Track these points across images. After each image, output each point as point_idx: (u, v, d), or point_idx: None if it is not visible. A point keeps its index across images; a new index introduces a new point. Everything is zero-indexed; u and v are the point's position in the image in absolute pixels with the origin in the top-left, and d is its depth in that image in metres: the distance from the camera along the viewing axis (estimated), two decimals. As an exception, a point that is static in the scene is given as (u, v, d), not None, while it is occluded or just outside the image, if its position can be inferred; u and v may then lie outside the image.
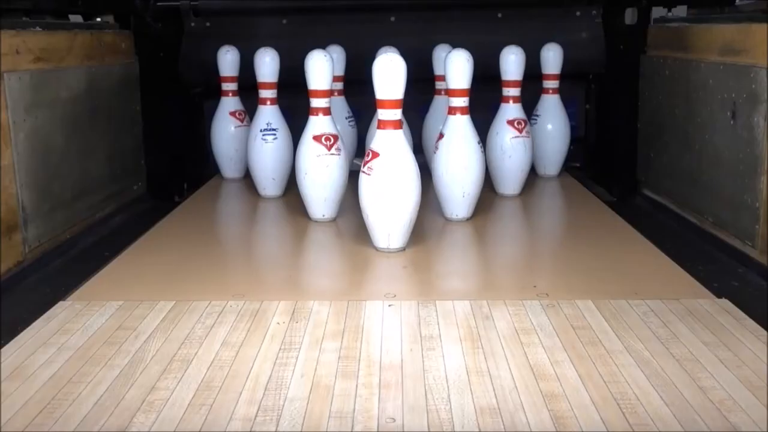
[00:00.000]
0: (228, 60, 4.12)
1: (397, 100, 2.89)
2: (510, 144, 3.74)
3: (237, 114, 4.16)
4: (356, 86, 3.91)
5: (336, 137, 3.31)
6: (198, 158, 4.39)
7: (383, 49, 3.79)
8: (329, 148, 3.28)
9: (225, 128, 4.16)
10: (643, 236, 3.11)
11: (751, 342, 2.12)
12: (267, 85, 3.81)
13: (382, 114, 2.90)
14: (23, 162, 2.87)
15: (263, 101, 3.81)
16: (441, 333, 2.19)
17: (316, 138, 3.28)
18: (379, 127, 2.91)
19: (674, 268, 2.74)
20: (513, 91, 3.78)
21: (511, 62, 3.76)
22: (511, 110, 3.77)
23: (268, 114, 3.79)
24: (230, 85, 4.15)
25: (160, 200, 4.05)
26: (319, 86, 3.30)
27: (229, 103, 4.15)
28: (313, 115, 3.31)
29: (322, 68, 3.29)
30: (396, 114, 2.89)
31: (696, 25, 3.46)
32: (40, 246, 2.96)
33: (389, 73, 2.87)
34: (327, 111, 3.33)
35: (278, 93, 3.84)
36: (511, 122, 3.77)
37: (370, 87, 2.92)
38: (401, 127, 2.92)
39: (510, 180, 3.79)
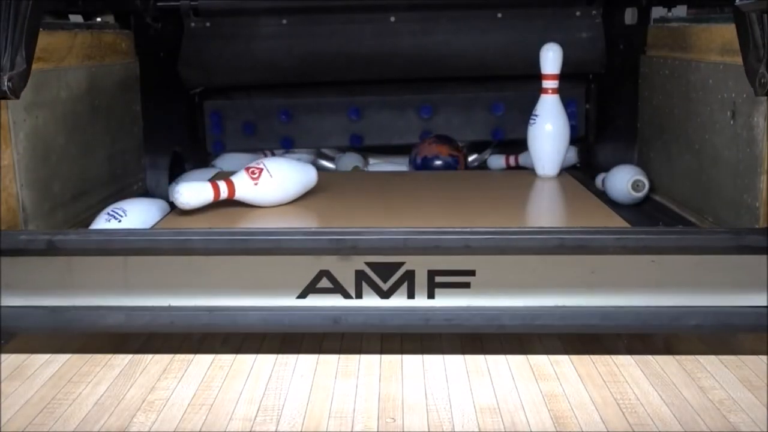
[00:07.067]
0: None
1: None
2: None
3: None
4: (357, 87, 3.93)
5: None
6: (198, 158, 4.38)
7: None
8: None
9: None
10: (643, 236, 3.10)
11: (751, 342, 2.12)
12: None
13: None
14: (23, 162, 2.86)
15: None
16: (441, 333, 2.19)
17: None
18: None
19: (674, 268, 2.73)
20: None
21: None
22: None
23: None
24: None
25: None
26: None
27: None
28: None
29: None
30: None
31: (696, 25, 3.45)
32: (40, 246, 2.96)
33: None
34: None
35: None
36: None
37: (370, 86, 2.94)
38: None
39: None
